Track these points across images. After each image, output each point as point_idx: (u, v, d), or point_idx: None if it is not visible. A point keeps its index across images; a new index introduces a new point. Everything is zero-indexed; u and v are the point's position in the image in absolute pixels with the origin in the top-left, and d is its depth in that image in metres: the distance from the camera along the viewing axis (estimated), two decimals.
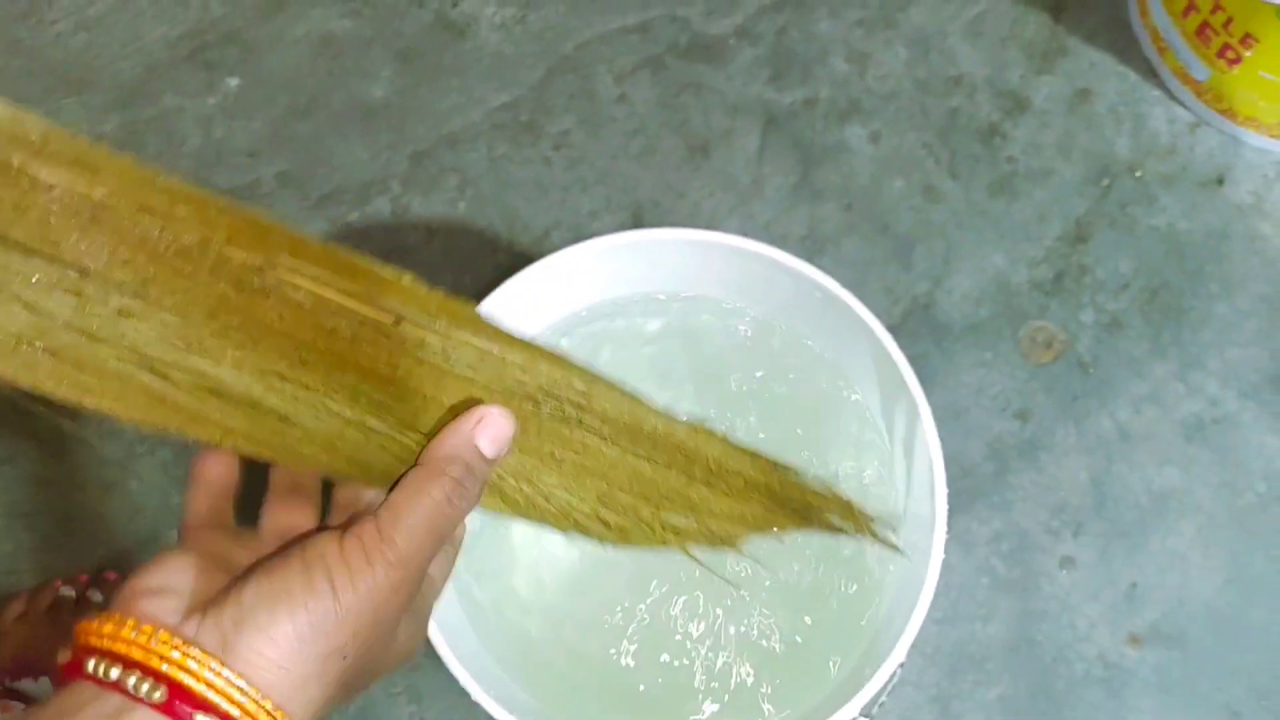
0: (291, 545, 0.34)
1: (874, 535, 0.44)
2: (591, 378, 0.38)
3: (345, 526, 0.34)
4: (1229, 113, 0.67)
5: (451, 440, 0.35)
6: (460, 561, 0.52)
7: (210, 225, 0.33)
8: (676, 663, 0.52)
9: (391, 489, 0.35)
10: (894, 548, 0.43)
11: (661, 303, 0.56)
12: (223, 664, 0.30)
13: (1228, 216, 0.68)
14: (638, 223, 0.68)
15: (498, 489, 0.39)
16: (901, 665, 0.45)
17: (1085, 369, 0.65)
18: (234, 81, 0.72)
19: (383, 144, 0.71)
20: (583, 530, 0.39)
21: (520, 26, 0.73)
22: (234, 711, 0.30)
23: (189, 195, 0.33)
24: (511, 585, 0.54)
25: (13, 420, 0.65)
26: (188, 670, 0.30)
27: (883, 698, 0.45)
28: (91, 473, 0.64)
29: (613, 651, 0.52)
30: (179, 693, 0.30)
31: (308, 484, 0.38)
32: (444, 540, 0.35)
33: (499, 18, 0.73)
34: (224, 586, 0.32)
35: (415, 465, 0.35)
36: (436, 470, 0.35)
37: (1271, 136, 0.67)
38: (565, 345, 0.55)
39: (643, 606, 0.53)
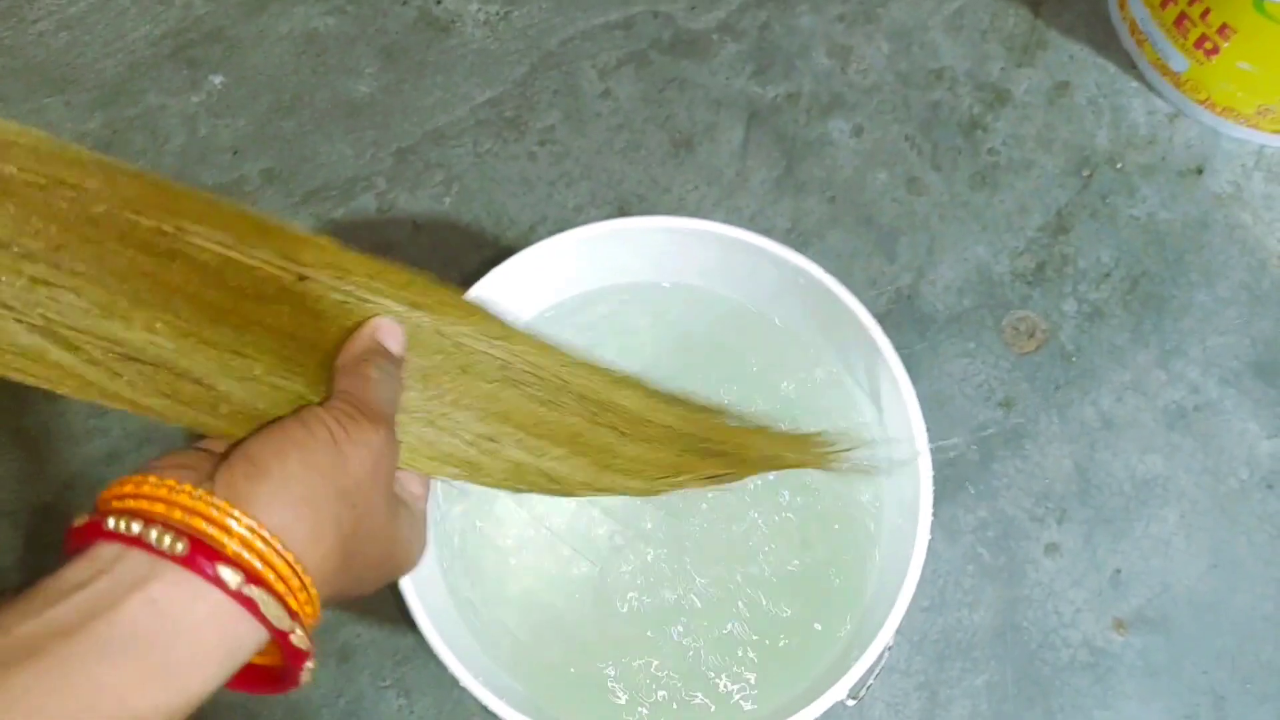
0: (281, 417, 0.36)
1: (826, 459, 0.45)
2: (509, 330, 0.40)
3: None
4: (1208, 103, 0.68)
5: (358, 343, 0.38)
6: (450, 560, 0.52)
7: (119, 194, 0.33)
8: (666, 653, 0.52)
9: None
10: (855, 467, 0.45)
11: (644, 291, 0.56)
12: (244, 512, 0.31)
13: (1207, 206, 0.69)
14: (623, 216, 0.69)
15: (439, 450, 0.41)
16: (889, 648, 0.46)
17: (1068, 358, 0.66)
18: (218, 79, 0.72)
19: (368, 140, 0.71)
20: (508, 481, 0.42)
21: (504, 23, 0.73)
22: (255, 563, 0.30)
23: (100, 166, 0.34)
24: (500, 582, 0.54)
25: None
26: (209, 519, 0.30)
27: (870, 680, 0.45)
28: (78, 469, 0.64)
29: (600, 644, 0.52)
30: (200, 547, 0.30)
31: None
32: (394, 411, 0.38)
33: (483, 14, 0.74)
34: (227, 450, 0.33)
35: (337, 372, 0.38)
36: (356, 365, 0.37)
37: (1250, 126, 0.68)
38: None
39: (632, 595, 0.53)
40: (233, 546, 0.30)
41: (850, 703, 0.45)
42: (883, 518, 0.52)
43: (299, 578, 0.32)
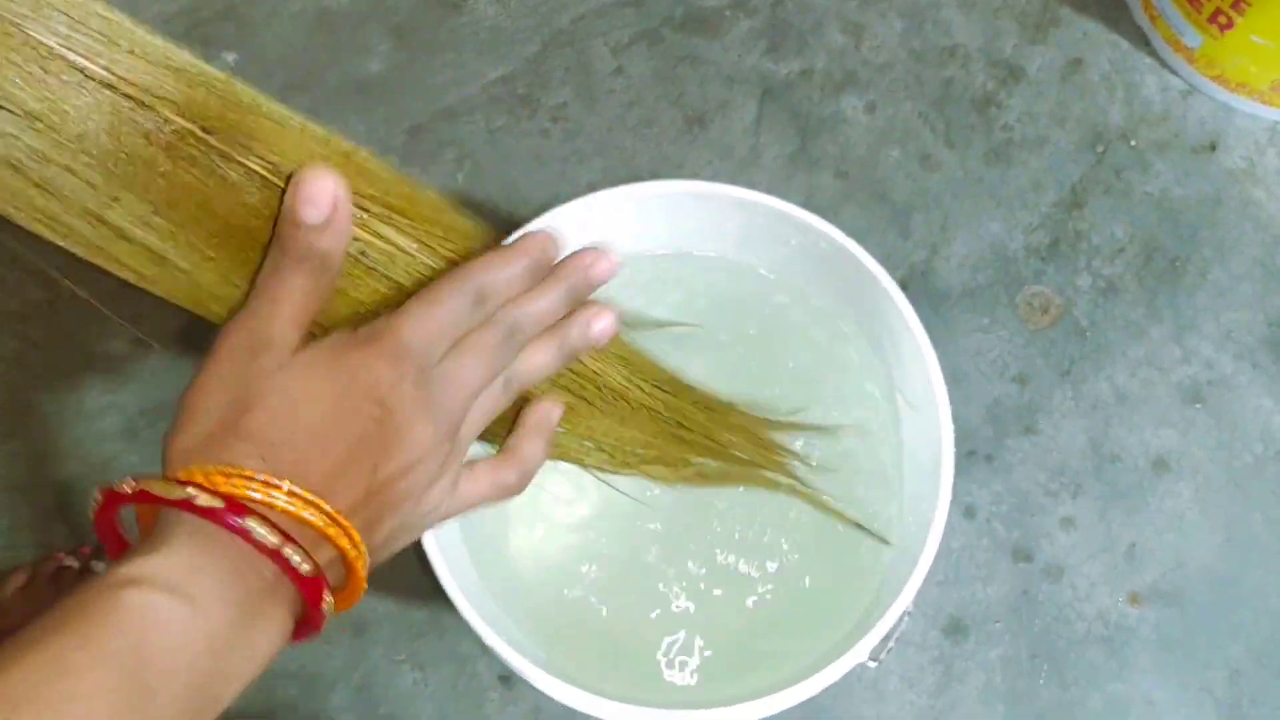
0: None
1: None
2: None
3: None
4: (1221, 79, 0.68)
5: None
6: (472, 523, 0.52)
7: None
8: (690, 617, 0.52)
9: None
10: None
11: (663, 259, 0.56)
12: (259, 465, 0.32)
13: (1220, 182, 0.69)
14: None
15: None
16: (908, 613, 0.46)
17: (1082, 333, 0.66)
18: (231, 57, 0.72)
19: (379, 118, 0.71)
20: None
21: (516, 0, 0.73)
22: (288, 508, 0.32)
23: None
24: (519, 546, 0.54)
25: (11, 392, 0.64)
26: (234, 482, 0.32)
27: (890, 643, 0.45)
28: (92, 446, 0.64)
29: (624, 610, 0.52)
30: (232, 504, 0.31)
31: None
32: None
33: None
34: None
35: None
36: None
37: (1263, 102, 0.68)
38: None
39: (655, 561, 0.53)
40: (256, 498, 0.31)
41: (871, 664, 0.45)
42: (904, 487, 0.52)
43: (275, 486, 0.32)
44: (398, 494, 0.36)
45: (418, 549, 0.48)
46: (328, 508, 0.33)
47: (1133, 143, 0.69)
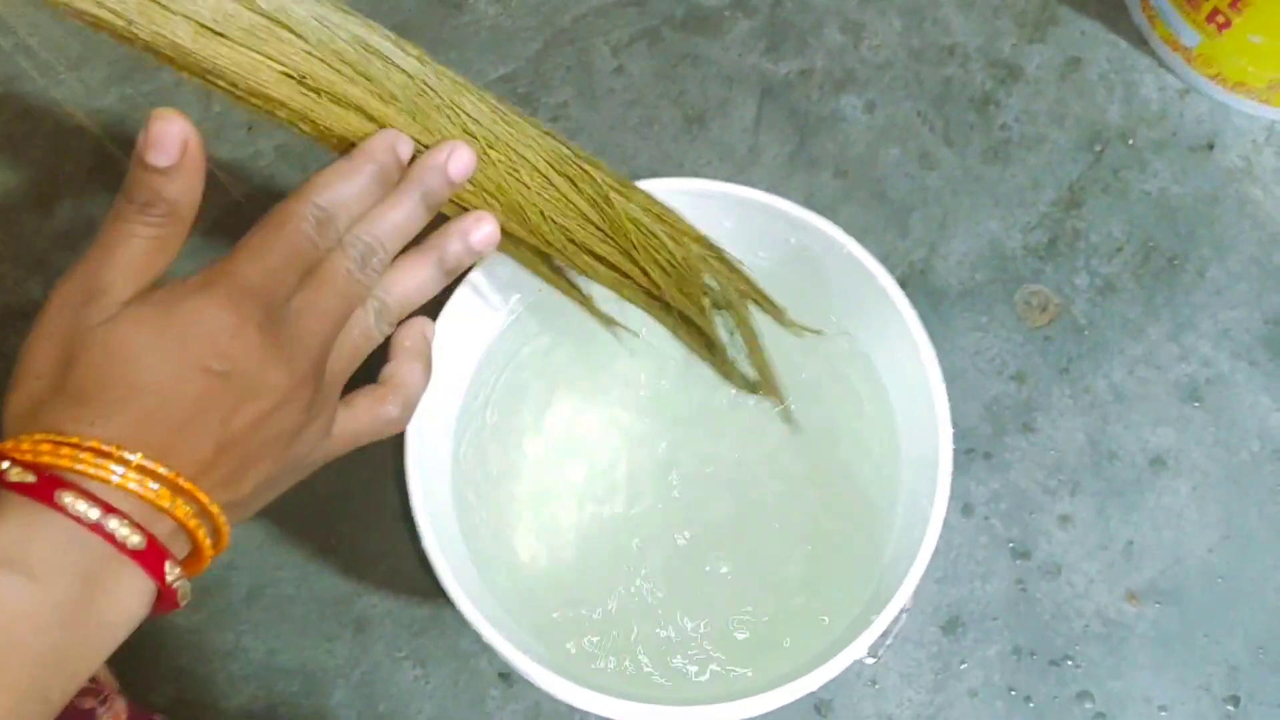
0: None
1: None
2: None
3: None
4: (1218, 78, 0.68)
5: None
6: (471, 519, 0.53)
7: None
8: (686, 616, 0.53)
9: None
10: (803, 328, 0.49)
11: None
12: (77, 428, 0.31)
13: (1218, 181, 0.69)
14: None
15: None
16: (906, 610, 0.46)
17: (1080, 331, 0.66)
18: None
19: None
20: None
21: (517, 0, 0.74)
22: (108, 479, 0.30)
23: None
24: (517, 541, 0.55)
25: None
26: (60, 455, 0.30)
27: (888, 640, 0.45)
28: None
29: (620, 607, 0.53)
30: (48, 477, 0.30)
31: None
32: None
33: None
34: None
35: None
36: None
37: (1261, 101, 0.68)
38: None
39: (652, 558, 0.53)
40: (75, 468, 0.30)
41: (870, 660, 0.45)
42: (901, 484, 0.52)
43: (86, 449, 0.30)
44: (256, 445, 0.34)
45: (417, 547, 0.48)
46: (164, 472, 0.31)
47: (1131, 142, 0.70)
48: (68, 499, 0.29)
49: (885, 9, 0.73)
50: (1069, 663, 0.61)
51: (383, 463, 0.62)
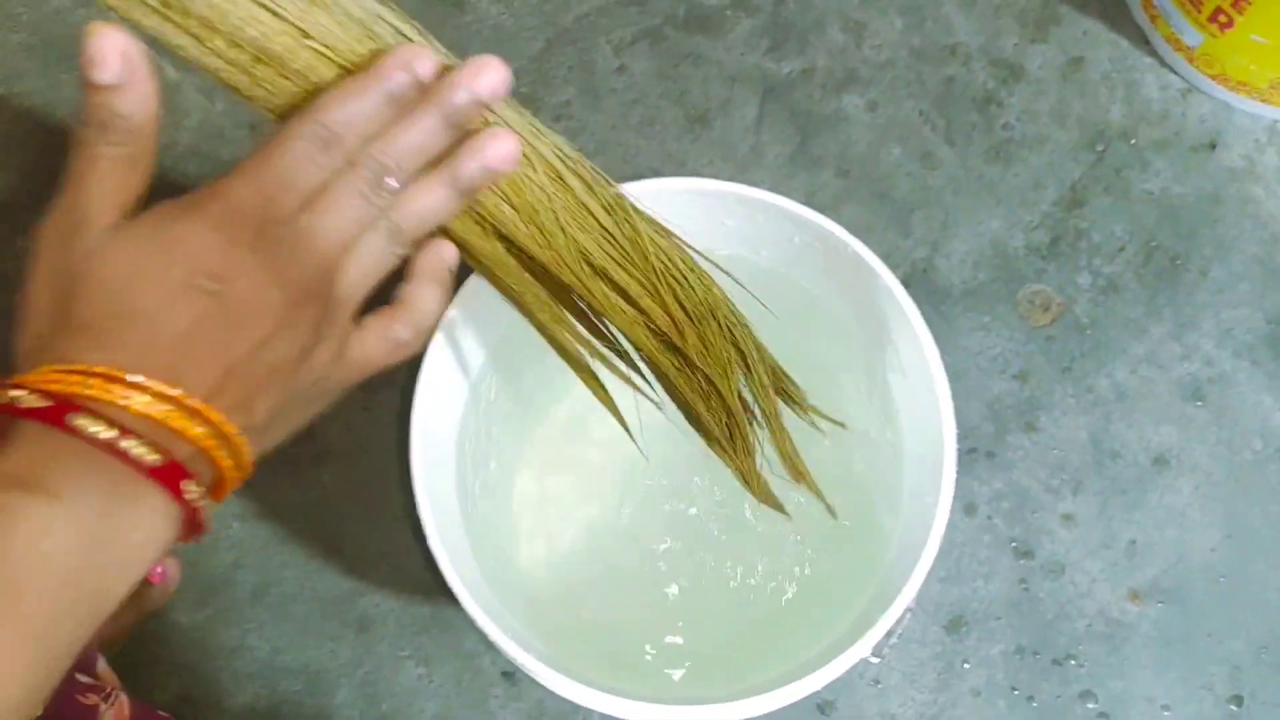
0: None
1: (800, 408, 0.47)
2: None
3: None
4: (1221, 78, 0.68)
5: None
6: (475, 521, 0.52)
7: None
8: (690, 613, 0.53)
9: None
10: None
11: None
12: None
13: (1220, 180, 0.69)
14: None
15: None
16: (910, 609, 0.46)
17: (1082, 331, 0.66)
18: None
19: None
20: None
21: None
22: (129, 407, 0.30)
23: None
24: (522, 540, 0.55)
25: None
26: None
27: (892, 639, 0.45)
28: None
29: (625, 605, 0.53)
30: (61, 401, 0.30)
31: None
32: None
33: None
34: None
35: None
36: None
37: (1263, 101, 0.68)
38: None
39: (659, 557, 0.53)
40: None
41: (874, 660, 0.45)
42: (904, 484, 0.52)
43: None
44: (262, 368, 0.33)
45: (421, 545, 0.48)
46: (172, 393, 0.31)
47: (1133, 141, 0.70)
48: (80, 421, 0.29)
49: (887, 8, 0.73)
50: (1072, 662, 0.61)
51: (387, 461, 0.62)
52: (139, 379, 0.30)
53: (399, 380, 0.62)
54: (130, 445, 0.30)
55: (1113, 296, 0.67)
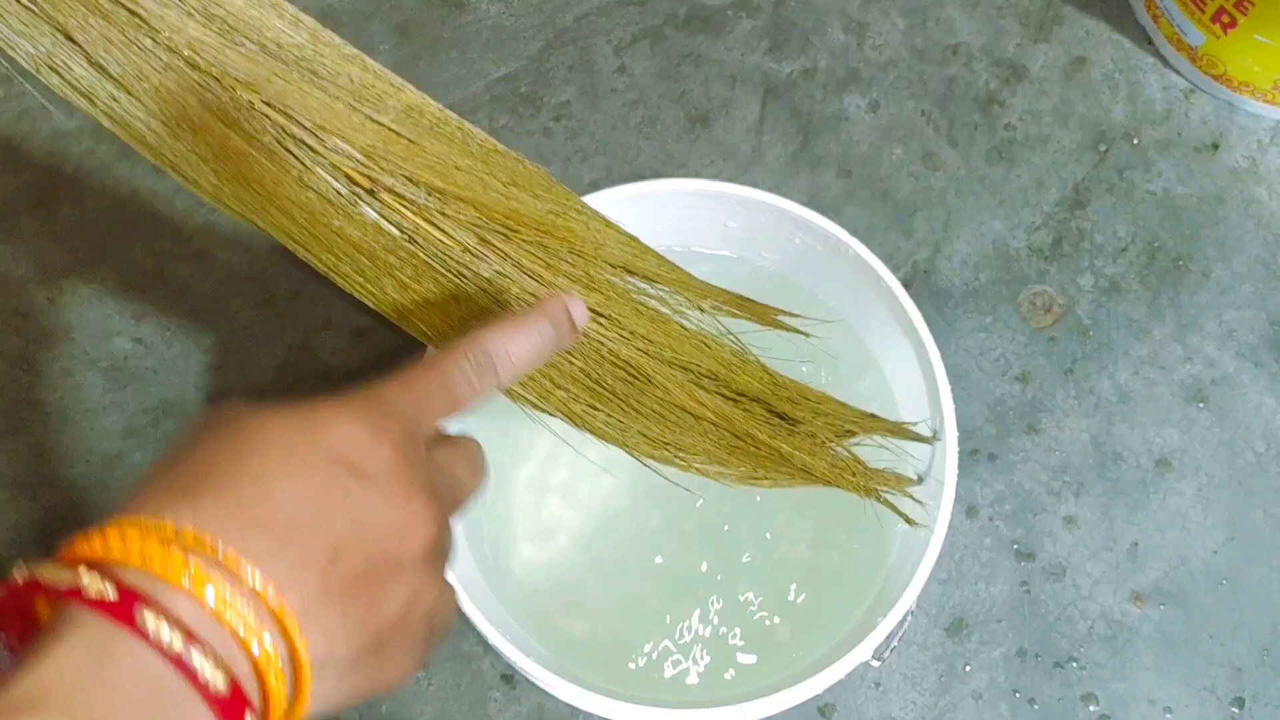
0: None
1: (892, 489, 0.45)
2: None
3: None
4: (1223, 78, 0.68)
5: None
6: (474, 525, 0.52)
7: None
8: (689, 616, 0.52)
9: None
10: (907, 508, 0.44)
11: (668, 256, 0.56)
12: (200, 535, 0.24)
13: (1223, 181, 0.69)
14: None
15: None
16: (911, 612, 0.46)
17: (1085, 332, 0.66)
18: None
19: None
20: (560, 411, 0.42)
21: None
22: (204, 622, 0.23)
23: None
24: (521, 544, 0.54)
25: (14, 391, 0.64)
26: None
27: (894, 643, 0.45)
28: (95, 444, 0.64)
29: (622, 607, 0.52)
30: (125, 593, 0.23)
31: None
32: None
33: None
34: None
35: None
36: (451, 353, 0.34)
37: (1266, 101, 0.68)
38: None
39: (658, 560, 0.53)
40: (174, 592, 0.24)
41: (875, 663, 0.45)
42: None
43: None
44: (369, 583, 0.27)
45: None
46: (265, 588, 0.24)
47: (1135, 141, 0.69)
48: (149, 618, 0.23)
49: (888, 8, 0.72)
50: (1073, 665, 0.60)
51: None
52: (226, 548, 0.24)
53: None
54: (201, 663, 0.23)
55: (1115, 298, 0.66)
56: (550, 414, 0.42)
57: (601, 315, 0.42)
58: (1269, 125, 0.69)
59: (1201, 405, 0.65)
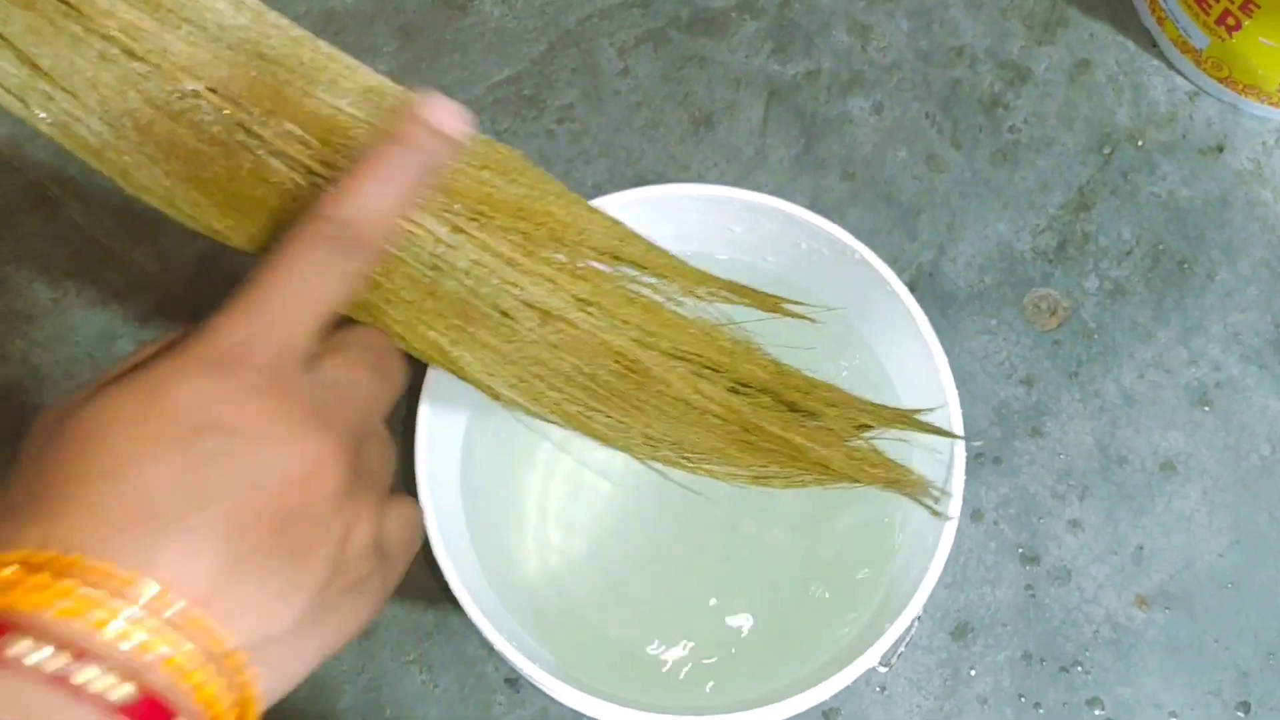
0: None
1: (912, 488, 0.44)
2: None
3: None
4: (1228, 81, 0.68)
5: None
6: (480, 526, 0.52)
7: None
8: (697, 620, 0.52)
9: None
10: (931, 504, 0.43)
11: None
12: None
13: (1228, 184, 0.69)
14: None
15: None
16: (918, 619, 0.46)
17: (1089, 335, 0.66)
18: None
19: None
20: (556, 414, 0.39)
21: (522, 1, 0.73)
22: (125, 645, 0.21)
23: None
24: (528, 547, 0.54)
25: (15, 394, 0.64)
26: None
27: (900, 648, 0.45)
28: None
29: (631, 617, 0.52)
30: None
31: None
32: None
33: None
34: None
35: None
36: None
37: (1271, 104, 0.68)
38: None
39: (665, 565, 0.53)
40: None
41: (882, 669, 0.45)
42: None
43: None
44: (287, 545, 0.25)
45: (425, 551, 0.48)
46: (145, 590, 0.22)
47: (1140, 144, 0.69)
48: (18, 649, 0.21)
49: (893, 10, 0.72)
50: (1078, 668, 0.60)
51: None
52: (98, 563, 0.21)
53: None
54: (88, 676, 0.21)
55: (1120, 300, 0.66)
56: (546, 419, 0.40)
57: (590, 304, 0.39)
58: (1274, 128, 0.69)
59: (1206, 408, 0.65)
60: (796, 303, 0.44)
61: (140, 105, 0.35)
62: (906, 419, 0.44)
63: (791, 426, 0.42)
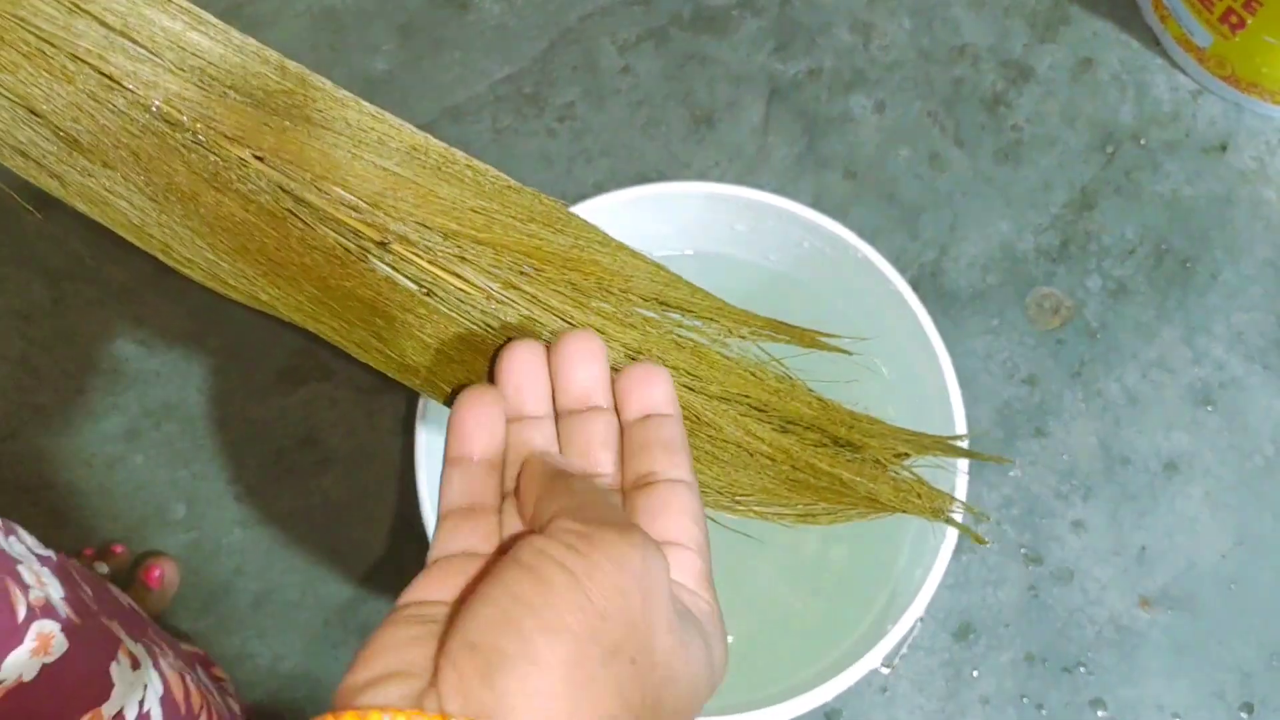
0: (492, 563, 0.27)
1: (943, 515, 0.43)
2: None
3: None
4: (1231, 79, 0.68)
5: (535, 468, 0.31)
6: None
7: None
8: None
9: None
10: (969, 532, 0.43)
11: (672, 261, 0.56)
12: None
13: (1231, 182, 0.68)
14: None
15: None
16: (920, 620, 0.45)
17: (1092, 334, 0.65)
18: None
19: None
20: None
21: None
22: None
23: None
24: None
25: (15, 394, 0.64)
26: None
27: (902, 649, 0.44)
28: (96, 448, 0.63)
29: None
30: None
31: (487, 500, 0.31)
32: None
33: None
34: (438, 644, 0.25)
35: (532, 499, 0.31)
36: (550, 483, 0.30)
37: (1274, 102, 0.67)
38: None
39: None
40: None
41: (885, 670, 0.44)
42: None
43: None
44: None
45: (422, 552, 0.47)
46: None
47: (1143, 143, 0.69)
48: None
49: (895, 9, 0.72)
50: (1081, 669, 0.60)
51: (389, 468, 0.61)
52: None
53: (402, 386, 0.61)
54: None
55: (1123, 300, 0.66)
56: None
57: (639, 353, 0.39)
58: (1277, 126, 0.69)
59: (1210, 408, 0.64)
60: (831, 335, 0.44)
61: (185, 177, 0.34)
62: (944, 445, 0.44)
63: (840, 462, 0.42)
